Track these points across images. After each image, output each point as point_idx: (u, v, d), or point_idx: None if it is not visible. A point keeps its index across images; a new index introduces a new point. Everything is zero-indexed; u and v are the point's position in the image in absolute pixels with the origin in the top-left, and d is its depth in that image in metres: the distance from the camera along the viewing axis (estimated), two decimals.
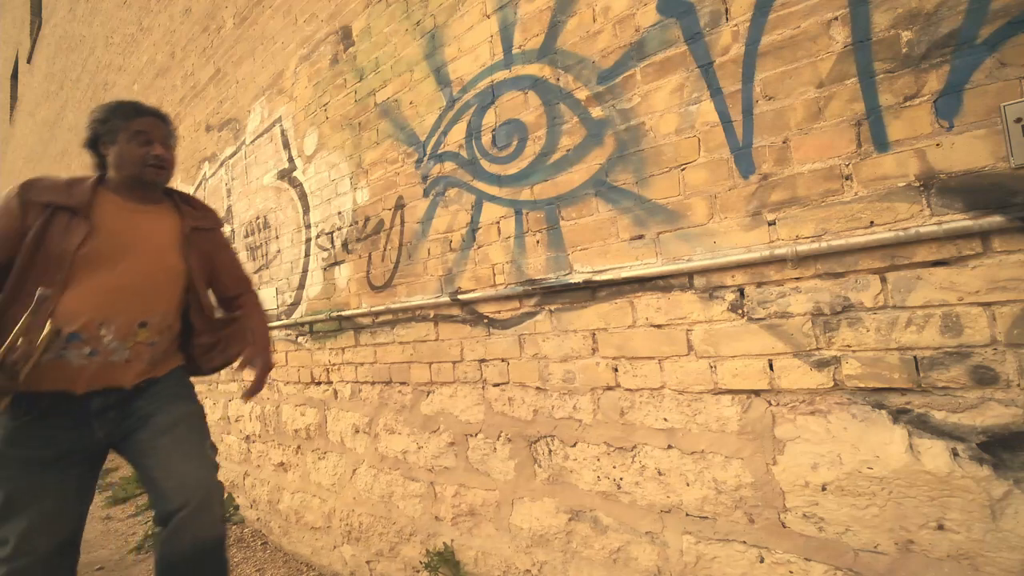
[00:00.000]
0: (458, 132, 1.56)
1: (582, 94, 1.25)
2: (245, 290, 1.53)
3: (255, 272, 2.57)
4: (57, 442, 1.16)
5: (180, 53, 3.41)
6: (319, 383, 2.13)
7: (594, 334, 1.24)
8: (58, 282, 1.13)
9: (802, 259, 0.93)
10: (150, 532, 2.75)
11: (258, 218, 2.56)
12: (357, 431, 1.92)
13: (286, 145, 2.34)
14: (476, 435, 1.53)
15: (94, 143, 1.31)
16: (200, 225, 1.40)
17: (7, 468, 1.12)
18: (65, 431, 1.16)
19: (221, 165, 2.92)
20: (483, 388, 1.49)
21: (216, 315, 1.42)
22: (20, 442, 1.13)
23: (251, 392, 1.39)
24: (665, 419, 1.12)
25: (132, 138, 1.25)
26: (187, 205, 1.41)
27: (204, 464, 1.27)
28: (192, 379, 1.38)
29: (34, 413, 1.13)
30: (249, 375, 1.48)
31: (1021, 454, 0.75)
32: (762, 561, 0.99)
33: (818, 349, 0.92)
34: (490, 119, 1.47)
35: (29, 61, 9.13)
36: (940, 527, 0.81)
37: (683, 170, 1.08)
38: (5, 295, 1.14)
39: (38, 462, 1.14)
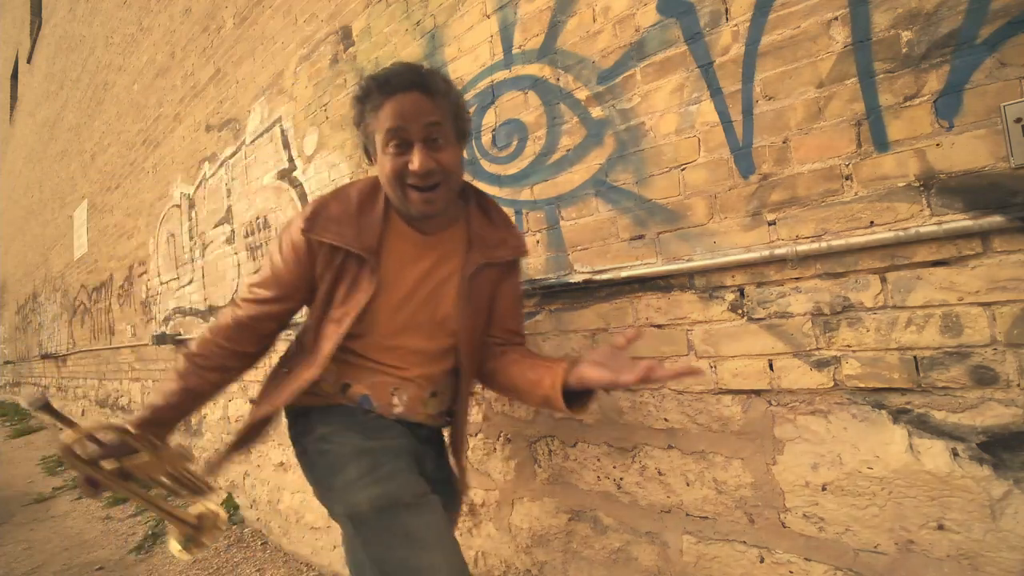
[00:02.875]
0: None
1: (582, 94, 1.25)
2: (510, 343, 1.13)
3: (255, 272, 2.57)
4: (409, 440, 1.01)
5: (180, 53, 3.41)
6: None
7: (594, 334, 1.24)
8: (342, 343, 0.96)
9: (802, 259, 0.93)
10: (150, 532, 2.75)
11: (258, 218, 2.56)
12: None
13: (286, 145, 2.34)
14: (476, 435, 1.53)
15: (369, 157, 0.99)
16: (492, 259, 1.02)
17: (379, 459, 0.93)
18: (408, 437, 1.02)
19: (221, 165, 2.92)
20: (483, 388, 1.50)
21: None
22: (377, 434, 0.96)
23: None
24: (665, 419, 1.12)
25: (385, 142, 0.90)
26: (484, 226, 1.04)
27: None
28: None
29: (371, 408, 1.00)
30: None
31: (1021, 454, 0.75)
32: (762, 561, 0.99)
33: (818, 349, 0.92)
34: (490, 119, 1.47)
35: (29, 61, 9.12)
36: (940, 527, 0.81)
37: (683, 170, 1.08)
38: (302, 349, 1.03)
39: (403, 452, 0.97)
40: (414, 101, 0.87)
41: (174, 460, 0.99)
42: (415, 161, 0.87)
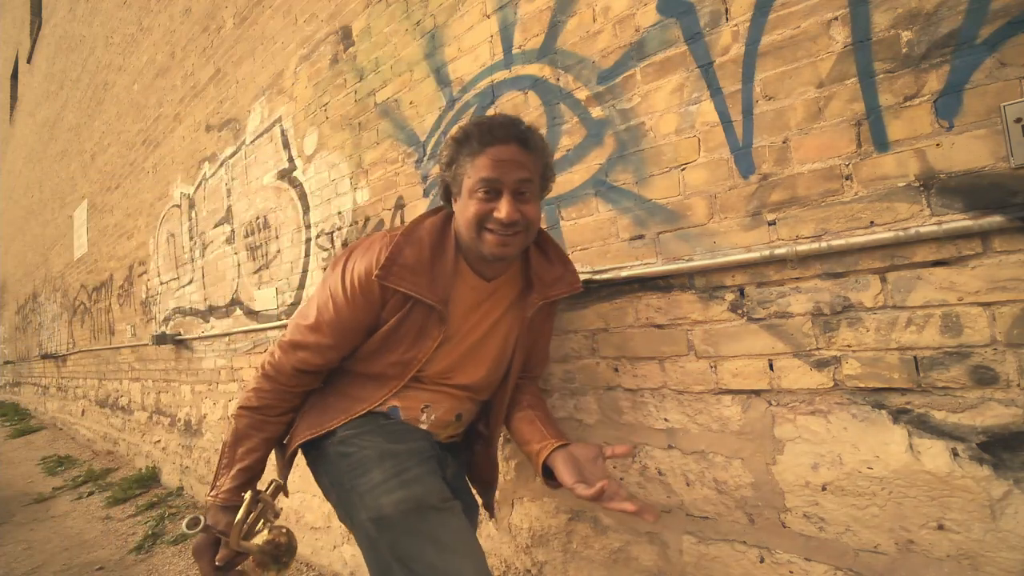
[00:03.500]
0: None
1: (582, 94, 1.25)
2: (529, 377, 1.21)
3: (255, 272, 2.58)
4: (431, 444, 1.03)
5: (180, 53, 3.41)
6: None
7: (594, 334, 1.24)
8: (393, 386, 1.00)
9: (802, 259, 0.93)
10: (150, 532, 2.75)
11: (258, 218, 2.56)
12: None
13: (286, 145, 2.34)
14: None
15: (448, 198, 1.01)
16: (549, 297, 1.06)
17: (404, 463, 0.94)
18: (431, 440, 1.04)
19: (221, 165, 2.92)
20: None
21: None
22: (400, 437, 0.99)
23: None
24: (665, 419, 1.12)
25: (475, 188, 0.91)
26: (542, 264, 1.07)
27: None
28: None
29: (398, 418, 1.02)
30: None
31: (1021, 454, 0.75)
32: (762, 561, 0.99)
33: (818, 349, 0.92)
34: None
35: (29, 61, 9.13)
36: (940, 527, 0.81)
37: (683, 170, 1.08)
38: (337, 380, 1.04)
39: (428, 456, 0.99)
40: (512, 154, 0.90)
41: (273, 501, 1.02)
42: (502, 210, 0.90)
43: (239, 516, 0.92)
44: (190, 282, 3.29)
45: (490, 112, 1.46)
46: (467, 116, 1.53)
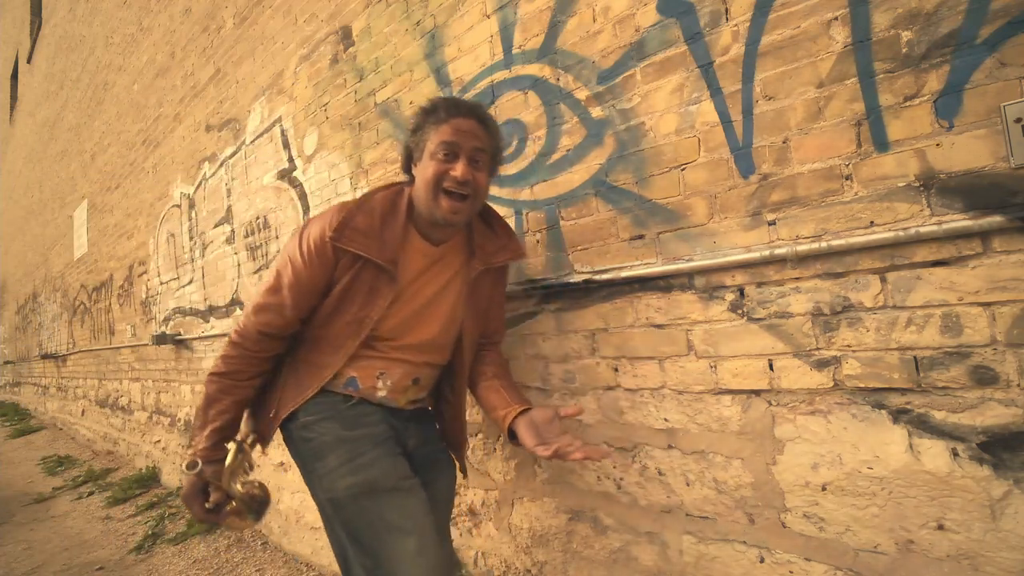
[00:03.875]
0: None
1: (582, 94, 1.25)
2: (489, 342, 1.29)
3: (255, 272, 2.58)
4: (389, 424, 1.10)
5: (180, 53, 3.41)
6: None
7: (594, 334, 1.24)
8: (349, 347, 1.06)
9: (802, 259, 0.93)
10: (150, 532, 2.75)
11: (258, 218, 2.56)
12: None
13: (286, 145, 2.34)
14: (476, 435, 1.53)
15: (409, 164, 1.11)
16: (491, 264, 1.16)
17: (359, 448, 1.02)
18: (388, 420, 1.11)
19: (221, 165, 2.92)
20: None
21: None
22: (356, 423, 1.06)
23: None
24: (665, 419, 1.12)
25: (436, 151, 1.02)
26: (486, 235, 1.18)
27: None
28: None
29: (356, 400, 1.08)
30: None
31: (1021, 454, 0.75)
32: (762, 561, 0.99)
33: (818, 349, 0.92)
34: None
35: (29, 61, 9.13)
36: (940, 527, 0.81)
37: (683, 170, 1.08)
38: (300, 350, 1.10)
39: (383, 439, 1.06)
40: (472, 126, 1.04)
41: (251, 451, 1.11)
42: (458, 169, 1.02)
43: (228, 462, 1.02)
44: (190, 282, 3.29)
45: (490, 112, 1.46)
46: None
